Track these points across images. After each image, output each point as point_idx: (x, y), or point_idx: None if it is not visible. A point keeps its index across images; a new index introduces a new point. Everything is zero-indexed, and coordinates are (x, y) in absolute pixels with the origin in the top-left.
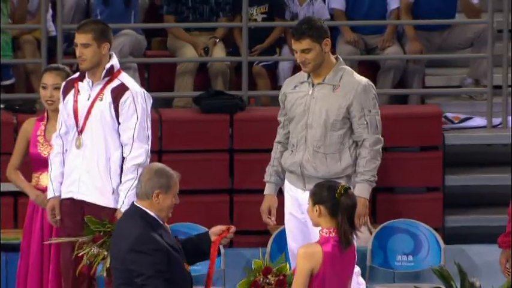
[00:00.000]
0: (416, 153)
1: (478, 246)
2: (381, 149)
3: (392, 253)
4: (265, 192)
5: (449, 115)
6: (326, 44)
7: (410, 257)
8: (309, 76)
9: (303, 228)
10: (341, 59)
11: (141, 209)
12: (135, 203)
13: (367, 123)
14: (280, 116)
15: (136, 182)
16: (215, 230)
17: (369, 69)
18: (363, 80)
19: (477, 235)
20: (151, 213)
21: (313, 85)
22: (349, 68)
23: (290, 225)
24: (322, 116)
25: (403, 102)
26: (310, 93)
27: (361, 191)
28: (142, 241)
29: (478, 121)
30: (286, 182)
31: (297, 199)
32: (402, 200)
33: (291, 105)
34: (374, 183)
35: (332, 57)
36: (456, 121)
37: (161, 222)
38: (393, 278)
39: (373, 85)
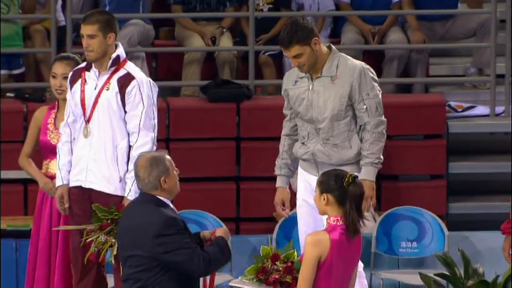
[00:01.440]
0: (420, 142)
1: (481, 233)
2: (384, 130)
3: (397, 240)
4: (277, 185)
5: (453, 104)
6: (315, 43)
7: (415, 244)
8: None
9: (314, 213)
10: (333, 47)
11: (154, 196)
12: (144, 192)
13: (366, 107)
14: (285, 109)
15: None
16: (205, 234)
17: (374, 58)
18: (358, 64)
19: (480, 222)
20: (164, 199)
21: (312, 79)
22: (343, 55)
23: (302, 211)
24: (327, 109)
25: (407, 91)
26: (310, 87)
27: (367, 173)
28: (171, 224)
29: (481, 110)
30: (299, 168)
31: (310, 185)
32: (406, 187)
33: (294, 101)
34: (380, 164)
35: (324, 49)
36: (459, 110)
37: (172, 206)
38: (397, 265)
39: (369, 67)
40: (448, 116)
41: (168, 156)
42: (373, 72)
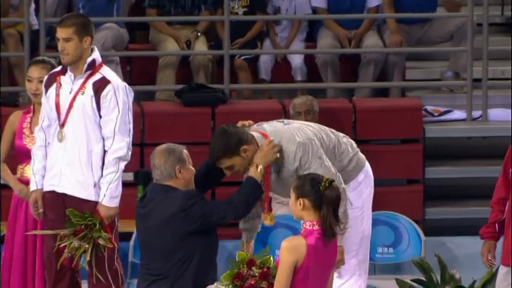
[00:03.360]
0: (397, 146)
1: (458, 238)
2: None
3: (373, 245)
4: None
5: (430, 108)
6: (244, 151)
7: (391, 249)
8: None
9: None
10: (260, 130)
11: (171, 186)
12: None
13: None
14: None
15: (118, 174)
16: None
17: (350, 62)
18: (290, 146)
19: (457, 227)
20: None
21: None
22: (274, 135)
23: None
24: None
25: (384, 95)
26: (274, 179)
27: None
28: (190, 196)
29: (458, 114)
30: None
31: None
32: (383, 192)
33: None
34: (344, 230)
35: (254, 147)
36: (436, 114)
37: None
38: (374, 270)
39: (300, 141)
40: (425, 121)
41: (185, 150)
42: (307, 143)
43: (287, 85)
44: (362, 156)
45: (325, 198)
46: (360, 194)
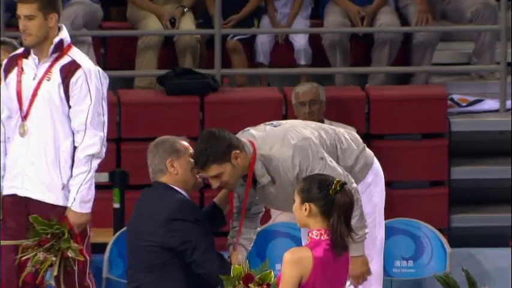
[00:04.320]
0: (418, 142)
1: (489, 250)
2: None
3: (390, 258)
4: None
5: (456, 97)
6: (235, 157)
7: (411, 263)
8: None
9: None
10: (254, 142)
11: (166, 184)
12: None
13: None
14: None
15: (90, 175)
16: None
17: (362, 44)
18: (285, 155)
19: (488, 237)
20: (178, 189)
21: (255, 186)
22: (263, 142)
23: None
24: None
25: (404, 82)
26: (255, 195)
27: (357, 250)
28: (187, 208)
29: (490, 104)
30: None
31: None
32: (401, 196)
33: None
34: (364, 236)
35: (246, 155)
36: (464, 104)
37: (189, 199)
38: (391, 287)
39: (296, 144)
40: (451, 112)
41: (183, 141)
42: (302, 146)
43: (289, 70)
44: (369, 152)
45: (335, 204)
46: (370, 197)
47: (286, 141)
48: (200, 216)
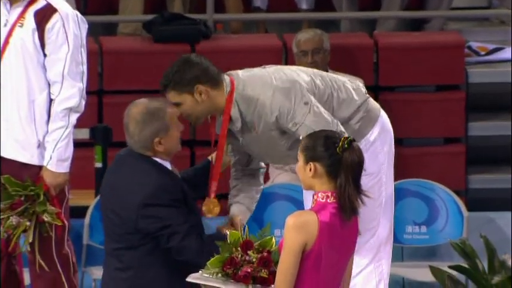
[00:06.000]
0: (431, 94)
1: (510, 214)
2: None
3: (401, 223)
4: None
5: (474, 45)
6: (199, 93)
7: (424, 228)
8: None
9: None
10: (228, 84)
11: (147, 157)
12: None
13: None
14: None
15: (68, 130)
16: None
17: None
18: (265, 97)
19: (509, 200)
20: (159, 160)
21: (241, 132)
22: (244, 86)
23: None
24: (271, 149)
25: (418, 29)
26: (241, 141)
27: None
28: (165, 191)
29: (511, 53)
30: None
31: None
32: (413, 154)
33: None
34: None
35: (221, 93)
36: (482, 53)
37: (171, 168)
38: (401, 255)
39: (277, 86)
40: (468, 61)
41: (170, 109)
42: (285, 87)
43: (289, 15)
44: (374, 104)
45: (343, 163)
46: (374, 156)
47: (269, 82)
48: (179, 194)
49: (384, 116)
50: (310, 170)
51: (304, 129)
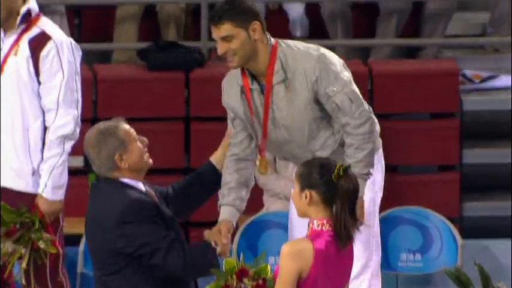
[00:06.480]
0: (426, 122)
1: (505, 242)
2: (370, 126)
3: (395, 251)
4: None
5: (469, 73)
6: (253, 30)
7: (418, 256)
8: (253, 79)
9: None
10: (279, 41)
11: (116, 179)
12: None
13: (337, 105)
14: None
15: (63, 158)
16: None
17: (365, 13)
18: (309, 56)
19: (504, 228)
20: (128, 181)
21: (262, 91)
22: (288, 45)
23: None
24: (294, 129)
25: (413, 56)
26: (270, 105)
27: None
28: (136, 208)
29: (505, 80)
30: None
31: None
32: (408, 182)
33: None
34: (370, 174)
35: (265, 44)
36: (477, 80)
37: (143, 187)
38: (396, 283)
39: (324, 53)
40: (463, 89)
41: (123, 125)
42: (331, 56)
43: None
44: (378, 138)
45: (339, 191)
46: (372, 184)
47: (315, 48)
48: (153, 210)
49: (381, 149)
50: (306, 197)
51: (341, 97)
